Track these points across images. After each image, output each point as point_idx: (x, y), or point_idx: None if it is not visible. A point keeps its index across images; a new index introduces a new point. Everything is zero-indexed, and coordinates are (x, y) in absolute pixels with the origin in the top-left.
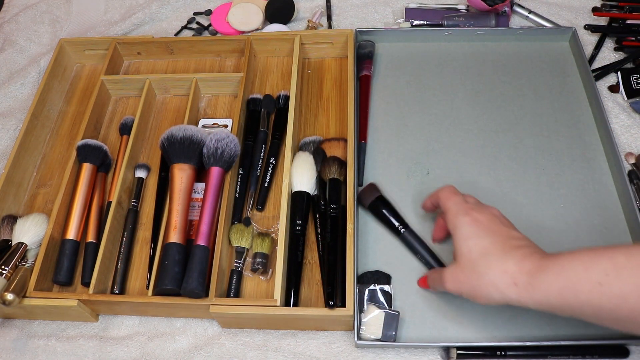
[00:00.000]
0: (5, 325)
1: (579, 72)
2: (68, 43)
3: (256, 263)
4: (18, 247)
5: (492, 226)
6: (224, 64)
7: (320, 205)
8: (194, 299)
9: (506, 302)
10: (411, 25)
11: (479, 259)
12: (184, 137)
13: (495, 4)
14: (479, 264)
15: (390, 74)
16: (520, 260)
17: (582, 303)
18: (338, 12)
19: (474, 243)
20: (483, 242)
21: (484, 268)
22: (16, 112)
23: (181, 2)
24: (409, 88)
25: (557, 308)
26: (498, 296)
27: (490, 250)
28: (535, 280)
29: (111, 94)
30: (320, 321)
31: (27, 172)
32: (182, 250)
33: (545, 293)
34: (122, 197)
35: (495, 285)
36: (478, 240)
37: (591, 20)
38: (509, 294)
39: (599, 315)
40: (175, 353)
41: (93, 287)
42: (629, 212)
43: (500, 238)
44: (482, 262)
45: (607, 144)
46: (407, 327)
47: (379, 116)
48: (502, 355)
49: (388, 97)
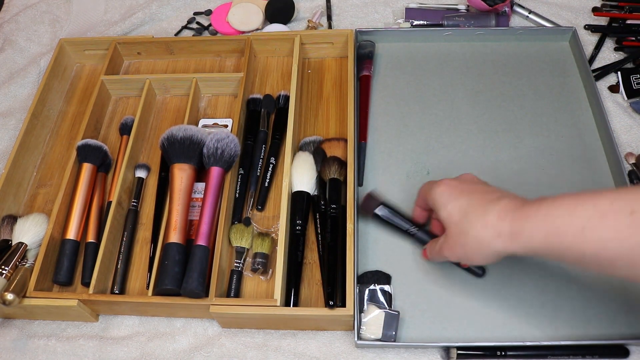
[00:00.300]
0: (5, 325)
1: (579, 72)
2: (68, 43)
3: (256, 263)
4: (18, 247)
5: (466, 187)
6: (224, 64)
7: (320, 205)
8: (194, 299)
9: (497, 254)
10: (411, 25)
11: (460, 220)
12: (184, 137)
13: (495, 4)
14: (462, 224)
15: (390, 74)
16: (500, 211)
17: (565, 248)
18: (338, 12)
19: (452, 206)
20: (460, 203)
21: (467, 227)
22: (16, 112)
23: (181, 2)
24: (409, 88)
25: (542, 253)
26: (488, 251)
27: (469, 209)
28: (518, 228)
29: (111, 94)
30: (320, 321)
31: (27, 172)
32: (182, 250)
33: (530, 240)
34: (122, 197)
35: (481, 241)
36: (456, 202)
37: (591, 20)
38: (496, 246)
39: (582, 260)
40: (175, 353)
41: (93, 287)
42: None
43: (477, 195)
44: (464, 222)
45: (607, 144)
46: (407, 327)
47: (379, 116)
48: (502, 355)
49: (388, 97)
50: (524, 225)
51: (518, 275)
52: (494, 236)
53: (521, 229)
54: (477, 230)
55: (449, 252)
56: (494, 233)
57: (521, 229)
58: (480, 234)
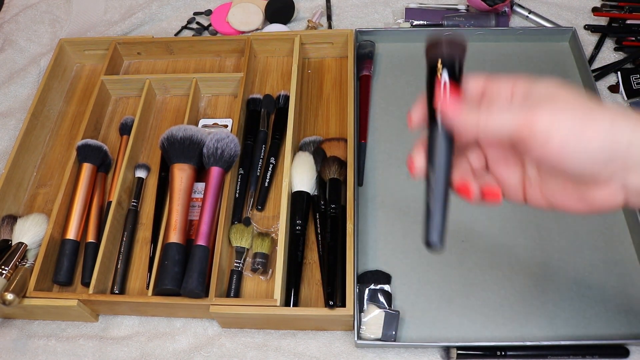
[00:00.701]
0: (5, 325)
1: (579, 72)
2: (68, 43)
3: (256, 263)
4: (18, 247)
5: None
6: (224, 64)
7: (320, 205)
8: (194, 299)
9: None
10: (411, 25)
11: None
12: (184, 137)
13: (495, 4)
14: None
15: (390, 74)
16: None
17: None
18: (338, 12)
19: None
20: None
21: (593, 106)
22: (16, 112)
23: (181, 2)
24: (409, 88)
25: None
26: (607, 155)
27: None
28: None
29: (111, 94)
30: (320, 321)
31: (27, 172)
32: (182, 250)
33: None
34: (122, 197)
35: (614, 132)
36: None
37: (591, 20)
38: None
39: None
40: (175, 353)
41: (93, 287)
42: (629, 212)
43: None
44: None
45: None
46: (407, 327)
47: (379, 116)
48: (502, 355)
49: (388, 97)
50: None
51: (518, 275)
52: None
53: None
54: (610, 115)
55: (530, 122)
56: (626, 140)
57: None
58: (616, 121)
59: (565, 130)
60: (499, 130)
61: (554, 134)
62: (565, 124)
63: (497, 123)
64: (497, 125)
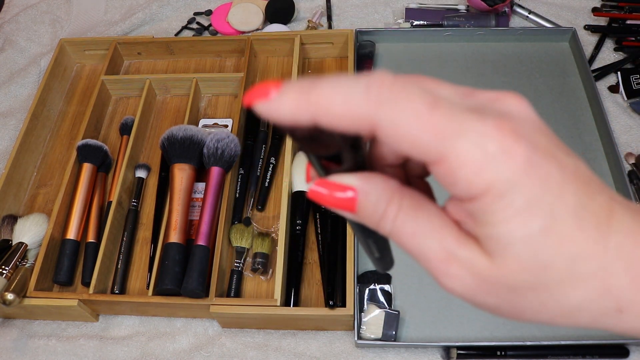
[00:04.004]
0: (6, 325)
1: (579, 72)
2: (68, 43)
3: (256, 263)
4: (18, 247)
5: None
6: (224, 64)
7: (320, 205)
8: (194, 299)
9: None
10: (411, 25)
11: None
12: (184, 137)
13: (495, 4)
14: (557, 267)
15: None
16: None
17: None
18: (338, 12)
19: (543, 209)
20: (560, 204)
21: (567, 275)
22: (16, 112)
23: (181, 2)
24: None
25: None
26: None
27: (577, 236)
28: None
29: (111, 94)
30: (320, 321)
31: (27, 172)
32: (182, 250)
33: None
34: (122, 197)
35: (590, 313)
36: (547, 200)
37: (591, 21)
38: (609, 326)
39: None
40: (175, 353)
41: (93, 287)
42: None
43: (582, 189)
44: (562, 263)
45: (607, 144)
46: (407, 326)
47: None
48: (502, 355)
49: None
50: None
51: None
52: (614, 310)
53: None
54: (586, 292)
55: (482, 297)
56: (614, 305)
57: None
58: (589, 297)
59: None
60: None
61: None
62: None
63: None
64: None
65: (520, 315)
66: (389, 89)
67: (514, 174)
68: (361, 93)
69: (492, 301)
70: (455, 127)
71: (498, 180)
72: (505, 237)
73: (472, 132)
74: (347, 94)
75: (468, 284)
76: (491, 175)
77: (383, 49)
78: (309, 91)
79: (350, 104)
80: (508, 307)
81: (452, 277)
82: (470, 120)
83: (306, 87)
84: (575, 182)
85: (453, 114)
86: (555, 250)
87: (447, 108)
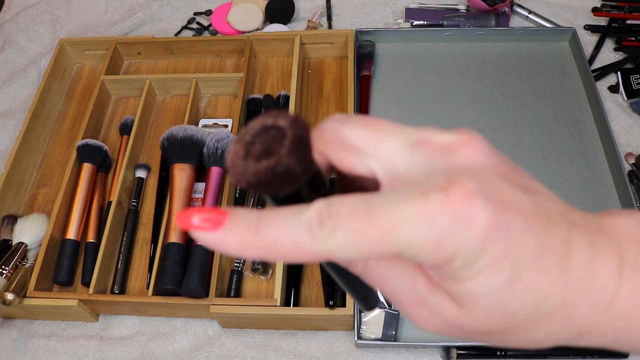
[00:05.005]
0: (5, 325)
1: (579, 72)
2: (68, 43)
3: (256, 263)
4: (18, 247)
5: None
6: (224, 64)
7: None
8: (194, 298)
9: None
10: (411, 25)
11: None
12: (184, 137)
13: (495, 4)
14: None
15: (390, 74)
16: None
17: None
18: (338, 12)
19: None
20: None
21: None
22: (16, 112)
23: (181, 2)
24: (409, 88)
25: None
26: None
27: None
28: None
29: (111, 94)
30: (320, 321)
31: (27, 172)
32: (182, 250)
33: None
34: (122, 197)
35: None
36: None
37: (591, 21)
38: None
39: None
40: (175, 353)
41: (93, 287)
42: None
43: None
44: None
45: (607, 144)
46: (407, 326)
47: (379, 116)
48: (502, 355)
49: (388, 97)
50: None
51: None
52: (575, 334)
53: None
54: (550, 326)
55: (453, 335)
56: (576, 331)
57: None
58: (554, 329)
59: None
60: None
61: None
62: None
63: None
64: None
65: (490, 344)
66: (327, 218)
67: (476, 241)
68: (305, 232)
69: (463, 338)
70: (399, 222)
71: (460, 249)
72: (472, 292)
73: (417, 216)
74: (292, 235)
75: (439, 327)
76: (452, 246)
77: (383, 49)
78: (255, 232)
79: (297, 245)
80: (478, 341)
81: (423, 320)
82: (413, 205)
83: (252, 227)
84: (536, 222)
85: (390, 209)
86: (520, 298)
87: (384, 208)
